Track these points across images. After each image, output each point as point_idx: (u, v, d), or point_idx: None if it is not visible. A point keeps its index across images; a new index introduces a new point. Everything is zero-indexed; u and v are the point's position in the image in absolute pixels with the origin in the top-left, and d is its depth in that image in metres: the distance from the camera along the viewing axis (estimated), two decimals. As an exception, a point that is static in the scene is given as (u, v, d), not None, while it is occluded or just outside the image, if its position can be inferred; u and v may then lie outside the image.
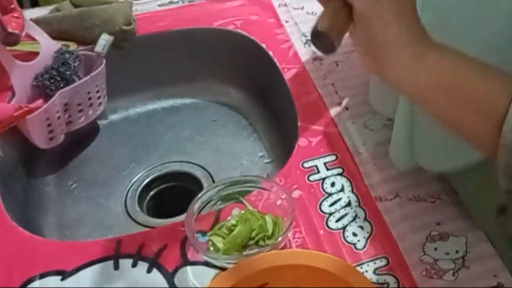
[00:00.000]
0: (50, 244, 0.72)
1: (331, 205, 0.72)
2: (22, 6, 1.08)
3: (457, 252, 0.66)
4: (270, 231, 0.68)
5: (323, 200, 0.73)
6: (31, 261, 0.68)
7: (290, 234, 0.68)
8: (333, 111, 0.85)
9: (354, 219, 0.70)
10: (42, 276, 0.66)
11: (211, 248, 0.67)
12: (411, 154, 0.70)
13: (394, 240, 0.68)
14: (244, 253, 0.67)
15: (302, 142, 0.81)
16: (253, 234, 0.67)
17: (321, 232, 0.69)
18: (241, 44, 1.03)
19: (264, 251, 0.62)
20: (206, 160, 0.96)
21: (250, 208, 0.71)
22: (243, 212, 0.70)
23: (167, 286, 0.64)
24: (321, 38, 0.53)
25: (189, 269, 0.66)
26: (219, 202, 0.71)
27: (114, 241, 0.69)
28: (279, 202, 0.70)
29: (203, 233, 0.69)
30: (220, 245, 0.67)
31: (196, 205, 0.69)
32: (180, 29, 1.05)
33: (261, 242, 0.67)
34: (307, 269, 0.57)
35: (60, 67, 0.89)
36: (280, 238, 0.65)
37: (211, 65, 1.08)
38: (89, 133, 1.00)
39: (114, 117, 1.06)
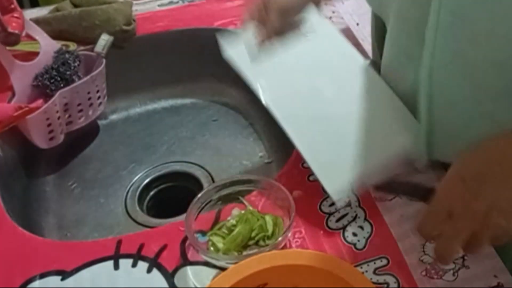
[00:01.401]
0: (50, 244, 0.72)
1: (331, 205, 0.72)
2: (22, 6, 1.08)
3: (457, 252, 0.66)
4: (270, 231, 0.68)
5: (323, 200, 0.73)
6: (31, 261, 0.68)
7: (290, 234, 0.68)
8: (333, 111, 0.85)
9: (354, 219, 0.70)
10: (42, 276, 0.66)
11: (211, 248, 0.67)
12: (429, 149, 0.70)
13: (394, 240, 0.68)
14: (244, 253, 0.67)
15: (302, 142, 0.81)
16: (253, 234, 0.68)
17: (321, 232, 0.69)
18: (241, 44, 1.03)
19: (264, 251, 0.62)
20: (206, 160, 0.96)
21: (250, 208, 0.71)
22: (243, 212, 0.70)
23: (167, 286, 0.64)
24: None
25: (189, 269, 0.66)
26: (219, 202, 0.71)
27: (114, 241, 0.69)
28: (279, 202, 0.70)
29: (203, 233, 0.69)
30: (220, 245, 0.67)
31: (196, 205, 0.69)
32: (180, 29, 1.05)
33: (261, 242, 0.67)
34: (307, 269, 0.57)
35: (60, 67, 0.89)
36: (280, 238, 0.65)
37: (211, 65, 1.07)
38: (89, 133, 1.00)
39: (114, 117, 1.06)
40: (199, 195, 0.70)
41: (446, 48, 0.60)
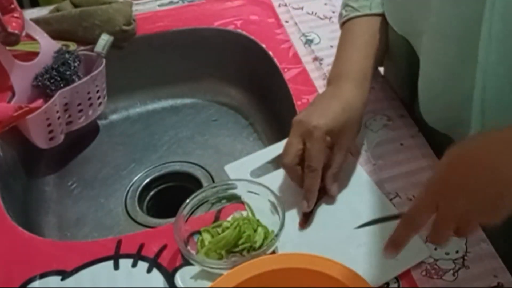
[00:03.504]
0: (50, 244, 0.72)
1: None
2: (22, 6, 1.08)
3: (457, 252, 0.66)
4: (258, 244, 0.66)
5: (323, 201, 0.72)
6: (31, 261, 0.68)
7: (274, 247, 0.65)
8: (333, 111, 0.84)
9: (354, 219, 0.70)
10: (42, 276, 0.66)
11: (199, 244, 0.67)
12: None
13: (394, 240, 0.67)
14: (224, 259, 0.65)
15: (302, 142, 0.80)
16: (240, 242, 0.66)
17: (321, 232, 0.69)
18: (241, 44, 1.03)
19: (241, 261, 0.60)
20: (206, 160, 0.96)
21: (250, 214, 0.70)
22: (239, 217, 0.69)
23: (167, 286, 0.64)
24: None
25: (189, 269, 0.66)
26: (223, 201, 0.71)
27: (114, 241, 0.69)
28: (271, 210, 0.68)
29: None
30: (206, 242, 0.66)
31: (185, 209, 0.68)
32: (180, 29, 1.05)
33: (245, 252, 0.66)
34: (309, 273, 0.57)
35: (60, 67, 0.89)
36: (260, 250, 0.64)
37: (211, 65, 1.08)
38: (89, 133, 1.00)
39: (114, 117, 1.06)
40: (188, 200, 0.68)
41: (499, 62, 0.58)
